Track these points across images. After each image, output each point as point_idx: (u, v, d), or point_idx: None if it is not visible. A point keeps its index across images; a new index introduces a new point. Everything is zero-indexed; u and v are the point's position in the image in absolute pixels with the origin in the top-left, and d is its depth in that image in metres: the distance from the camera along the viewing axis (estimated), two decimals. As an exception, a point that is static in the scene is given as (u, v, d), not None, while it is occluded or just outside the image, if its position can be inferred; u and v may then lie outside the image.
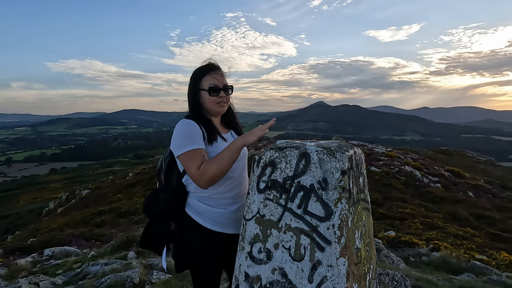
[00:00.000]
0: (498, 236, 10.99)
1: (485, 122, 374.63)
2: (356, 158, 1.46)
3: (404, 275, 3.49)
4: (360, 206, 1.46)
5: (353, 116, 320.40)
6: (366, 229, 1.52)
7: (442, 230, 10.66)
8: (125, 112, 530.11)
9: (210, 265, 1.80)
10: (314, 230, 1.32)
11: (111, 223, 14.59)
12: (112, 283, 3.37)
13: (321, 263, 1.29)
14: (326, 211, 1.31)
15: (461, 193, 15.39)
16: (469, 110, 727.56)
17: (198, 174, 1.61)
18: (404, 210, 12.47)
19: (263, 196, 1.46)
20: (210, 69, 1.83)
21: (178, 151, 1.69)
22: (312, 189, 1.34)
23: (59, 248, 6.20)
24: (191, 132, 1.71)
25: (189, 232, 1.77)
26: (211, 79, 1.80)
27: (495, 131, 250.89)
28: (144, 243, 1.91)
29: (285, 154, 1.43)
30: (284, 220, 1.39)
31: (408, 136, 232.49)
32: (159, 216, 1.82)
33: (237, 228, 1.74)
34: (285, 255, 1.38)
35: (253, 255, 1.46)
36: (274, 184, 1.43)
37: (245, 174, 1.87)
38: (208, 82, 1.80)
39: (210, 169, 1.59)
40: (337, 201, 1.31)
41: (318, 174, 1.34)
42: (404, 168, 17.06)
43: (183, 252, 1.80)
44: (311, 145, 1.40)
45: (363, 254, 1.44)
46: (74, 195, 27.90)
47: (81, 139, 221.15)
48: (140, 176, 25.29)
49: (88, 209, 20.00)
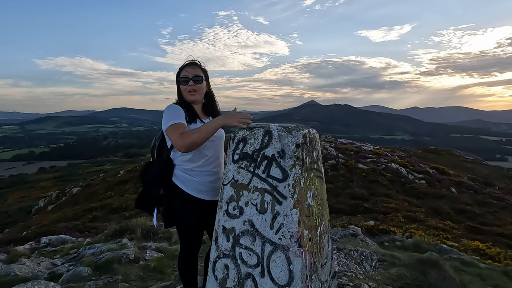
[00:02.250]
0: (476, 229, 11.51)
1: (473, 122, 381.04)
2: (310, 136, 1.86)
3: (371, 252, 3.92)
4: (313, 173, 1.87)
5: (344, 116, 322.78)
6: (319, 193, 1.93)
7: (423, 223, 11.13)
8: (116, 111, 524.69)
9: (191, 224, 2.24)
10: (274, 189, 1.72)
11: (103, 218, 14.75)
12: (110, 259, 3.73)
13: (279, 213, 1.70)
14: (283, 174, 1.71)
15: (444, 189, 15.91)
16: (458, 110, 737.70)
17: (180, 140, 1.97)
18: (388, 205, 12.90)
19: (237, 165, 1.85)
20: (185, 65, 2.27)
21: (165, 125, 2.10)
22: (274, 158, 1.74)
23: (55, 236, 6.50)
24: (176, 112, 2.13)
25: (174, 197, 2.20)
26: (183, 72, 2.25)
27: (483, 131, 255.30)
28: (139, 204, 2.32)
29: (253, 132, 1.83)
30: (253, 183, 1.79)
31: (398, 136, 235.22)
32: (150, 183, 2.24)
33: (213, 195, 2.19)
34: (253, 210, 1.77)
35: (229, 212, 1.86)
36: (245, 156, 1.83)
37: (220, 152, 2.30)
38: (182, 74, 2.25)
39: (190, 137, 1.96)
40: (292, 166, 1.71)
41: (278, 147, 1.74)
42: (390, 165, 17.50)
43: (170, 213, 2.23)
44: (273, 125, 1.80)
45: (314, 210, 1.84)
46: (65, 193, 27.88)
47: (70, 137, 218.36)
48: (132, 174, 25.35)
49: (79, 206, 20.10)
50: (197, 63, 2.28)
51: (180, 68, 2.28)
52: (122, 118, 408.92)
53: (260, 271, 1.74)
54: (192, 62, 2.28)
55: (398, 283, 3.20)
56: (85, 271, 3.46)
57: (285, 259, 1.67)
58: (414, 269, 3.44)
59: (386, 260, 3.72)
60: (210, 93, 2.36)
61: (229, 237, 1.85)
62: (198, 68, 2.27)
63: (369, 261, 3.67)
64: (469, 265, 4.25)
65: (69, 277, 3.37)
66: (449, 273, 3.37)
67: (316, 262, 1.81)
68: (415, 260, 3.63)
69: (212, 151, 2.21)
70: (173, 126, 2.05)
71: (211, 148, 2.18)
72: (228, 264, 1.85)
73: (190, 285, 2.32)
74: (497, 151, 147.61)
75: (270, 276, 1.71)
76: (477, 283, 3.54)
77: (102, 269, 3.56)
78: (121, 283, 3.19)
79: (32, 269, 3.83)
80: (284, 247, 1.68)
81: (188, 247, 2.26)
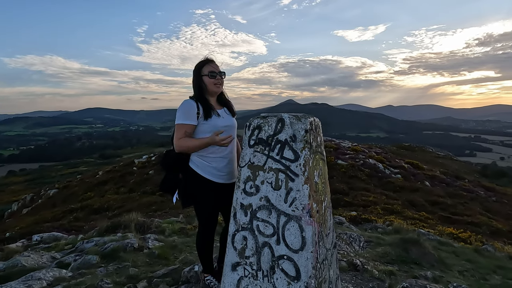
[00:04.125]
0: (448, 218, 12.25)
1: (444, 120, 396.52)
2: (315, 124, 2.16)
3: (359, 234, 4.28)
4: (318, 156, 2.16)
5: (321, 114, 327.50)
6: (323, 172, 2.23)
7: (400, 215, 11.74)
8: (90, 111, 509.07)
9: (207, 205, 2.52)
10: (287, 168, 2.00)
11: (84, 219, 14.53)
12: (115, 248, 3.90)
13: (292, 189, 1.98)
14: (295, 155, 2.00)
15: (418, 182, 16.70)
16: (430, 108, 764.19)
17: (177, 142, 2.40)
18: (367, 199, 13.46)
19: (253, 150, 2.12)
20: (209, 61, 2.58)
21: (176, 121, 2.45)
22: (286, 142, 2.02)
23: (47, 234, 6.51)
24: (187, 109, 2.44)
25: (191, 180, 2.49)
26: (210, 67, 2.54)
27: (453, 128, 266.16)
28: (162, 187, 2.60)
29: (267, 120, 2.10)
30: (268, 164, 2.07)
31: (374, 133, 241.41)
32: (170, 168, 2.52)
33: (227, 179, 2.51)
34: (269, 187, 2.05)
35: (246, 190, 2.13)
36: (260, 141, 2.10)
37: (233, 139, 2.55)
38: (208, 69, 2.54)
39: (186, 144, 2.39)
40: (302, 149, 2.00)
41: (290, 132, 2.02)
42: (368, 161, 18.18)
43: (187, 195, 2.52)
44: (285, 114, 2.08)
45: (320, 187, 2.14)
46: (40, 196, 27.01)
47: (41, 139, 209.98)
48: (111, 174, 24.91)
49: (57, 208, 19.60)
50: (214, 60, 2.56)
51: (200, 64, 2.56)
52: (97, 119, 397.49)
53: (276, 239, 2.02)
54: (212, 59, 2.56)
55: (385, 259, 3.56)
56: (94, 259, 3.62)
57: (298, 228, 1.96)
58: (398, 247, 3.82)
59: (372, 241, 4.10)
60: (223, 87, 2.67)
61: (247, 212, 2.12)
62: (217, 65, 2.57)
63: (357, 242, 4.03)
64: (445, 244, 4.71)
65: (79, 265, 3.52)
66: (428, 250, 3.77)
67: (322, 232, 2.11)
68: (398, 239, 4.02)
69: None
70: (178, 126, 2.41)
71: (224, 136, 2.45)
72: (246, 235, 2.12)
73: (207, 261, 2.59)
74: (467, 147, 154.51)
75: (285, 243, 1.99)
76: (453, 258, 3.97)
77: (109, 257, 3.73)
78: (131, 268, 3.38)
79: (37, 260, 3.93)
80: (297, 217, 1.96)
81: (204, 226, 2.53)
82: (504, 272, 3.93)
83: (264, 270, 2.05)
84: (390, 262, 3.52)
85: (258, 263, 2.07)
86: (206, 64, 2.55)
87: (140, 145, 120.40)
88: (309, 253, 1.93)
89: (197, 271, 3.04)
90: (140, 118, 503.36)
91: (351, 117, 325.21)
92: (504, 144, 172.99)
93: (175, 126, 2.43)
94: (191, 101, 2.49)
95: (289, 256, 1.98)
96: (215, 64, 2.57)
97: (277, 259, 2.01)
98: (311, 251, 1.94)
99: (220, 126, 2.47)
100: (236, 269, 2.16)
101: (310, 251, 1.94)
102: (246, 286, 2.12)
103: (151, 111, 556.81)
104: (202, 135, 2.45)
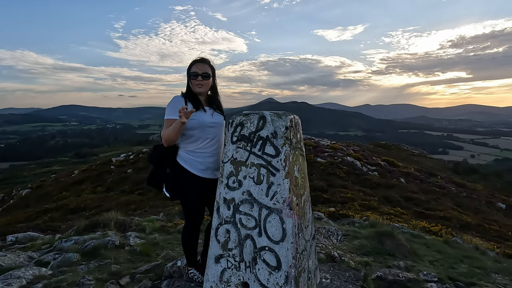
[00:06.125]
0: (422, 213, 12.75)
1: (419, 119, 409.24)
2: (294, 121, 2.26)
3: (337, 229, 4.45)
4: (297, 151, 2.27)
5: (301, 113, 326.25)
6: (302, 168, 2.34)
7: (377, 210, 12.12)
8: (64, 108, 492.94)
9: (193, 199, 2.58)
10: (269, 163, 2.10)
11: (60, 219, 14.16)
12: (96, 245, 3.88)
13: (273, 183, 2.08)
14: (276, 151, 2.09)
15: (394, 179, 17.25)
16: (405, 107, 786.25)
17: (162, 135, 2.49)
18: (345, 195, 13.79)
19: (235, 146, 2.21)
20: (196, 61, 2.61)
21: (165, 116, 2.52)
22: (267, 138, 2.11)
23: (22, 234, 6.34)
24: (175, 105, 2.50)
25: (179, 175, 2.55)
26: (194, 68, 2.59)
27: (427, 126, 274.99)
28: (149, 182, 2.64)
29: (249, 117, 2.19)
30: (250, 159, 2.15)
31: (352, 132, 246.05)
32: (158, 163, 2.56)
33: (214, 174, 2.56)
34: (251, 182, 2.14)
35: (229, 185, 2.21)
36: (242, 137, 2.18)
37: (220, 136, 2.64)
38: (193, 69, 2.59)
39: (163, 135, 2.47)
40: (282, 145, 2.10)
41: (271, 129, 2.11)
42: (346, 158, 18.60)
43: (175, 189, 2.59)
44: (266, 112, 2.17)
45: (299, 182, 2.25)
46: (11, 196, 26.03)
47: (12, 137, 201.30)
48: (88, 173, 24.33)
49: (31, 208, 18.96)
50: (206, 61, 2.60)
51: (191, 63, 2.61)
52: (71, 116, 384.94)
53: (258, 232, 2.11)
54: (202, 59, 2.60)
55: (361, 251, 3.74)
56: (74, 257, 3.59)
57: (279, 220, 2.06)
58: (373, 240, 4.01)
59: (349, 235, 4.27)
60: (215, 87, 2.71)
61: (230, 206, 2.20)
62: (207, 65, 2.60)
63: (335, 235, 4.18)
64: (417, 237, 4.96)
65: (59, 263, 3.49)
66: (402, 241, 3.98)
67: (301, 224, 2.22)
68: (374, 233, 4.21)
69: (212, 135, 2.55)
70: (165, 121, 2.49)
71: (211, 133, 2.54)
72: (229, 228, 2.20)
73: (191, 254, 2.65)
74: (440, 145, 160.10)
75: (267, 235, 2.09)
76: (424, 249, 4.20)
77: (90, 255, 3.71)
78: (113, 265, 3.38)
79: (14, 260, 3.86)
80: (278, 210, 2.06)
81: (190, 220, 2.59)
82: (471, 261, 4.20)
83: (247, 261, 2.14)
84: (366, 253, 3.69)
85: (240, 254, 2.16)
86: (194, 63, 2.60)
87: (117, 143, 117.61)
88: (290, 244, 2.03)
89: (180, 266, 3.09)
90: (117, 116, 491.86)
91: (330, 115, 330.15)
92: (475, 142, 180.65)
93: (165, 120, 2.49)
94: (179, 97, 2.57)
95: (271, 247, 2.07)
96: (202, 65, 2.59)
97: (259, 251, 2.10)
98: (291, 242, 2.04)
99: (208, 122, 2.54)
100: (220, 261, 2.24)
101: (291, 242, 2.04)
102: (229, 277, 2.20)
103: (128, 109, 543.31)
104: (190, 131, 2.51)
